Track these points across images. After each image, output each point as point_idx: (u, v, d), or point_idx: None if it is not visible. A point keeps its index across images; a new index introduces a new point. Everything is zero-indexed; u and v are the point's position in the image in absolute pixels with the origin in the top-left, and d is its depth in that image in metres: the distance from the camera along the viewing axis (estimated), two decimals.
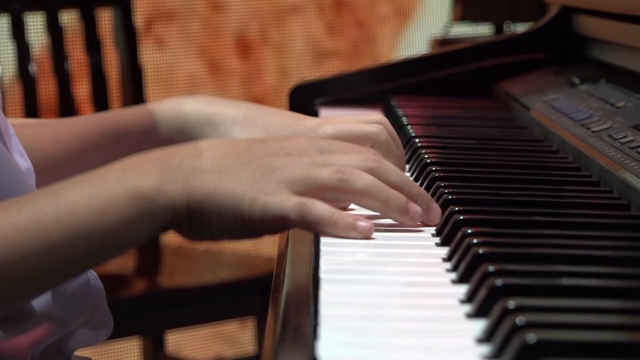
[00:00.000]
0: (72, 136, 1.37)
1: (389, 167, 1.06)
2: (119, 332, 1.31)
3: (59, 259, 1.01)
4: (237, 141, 1.08)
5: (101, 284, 1.21)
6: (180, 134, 1.32)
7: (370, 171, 1.04)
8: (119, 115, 1.40)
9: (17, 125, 1.29)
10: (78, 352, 1.28)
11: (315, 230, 1.01)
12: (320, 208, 0.99)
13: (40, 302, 1.15)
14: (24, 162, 1.20)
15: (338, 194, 1.03)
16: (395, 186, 1.05)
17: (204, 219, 0.99)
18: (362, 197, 1.04)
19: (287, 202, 0.99)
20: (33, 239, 0.99)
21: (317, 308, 0.88)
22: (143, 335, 2.60)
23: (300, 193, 1.00)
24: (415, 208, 1.05)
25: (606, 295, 0.86)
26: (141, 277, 2.35)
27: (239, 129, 1.30)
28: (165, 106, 1.36)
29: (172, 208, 0.99)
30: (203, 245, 2.25)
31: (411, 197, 1.06)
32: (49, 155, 1.33)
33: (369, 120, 1.27)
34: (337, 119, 1.31)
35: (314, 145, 1.06)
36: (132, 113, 1.38)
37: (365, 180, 1.03)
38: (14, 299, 1.07)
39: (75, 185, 1.02)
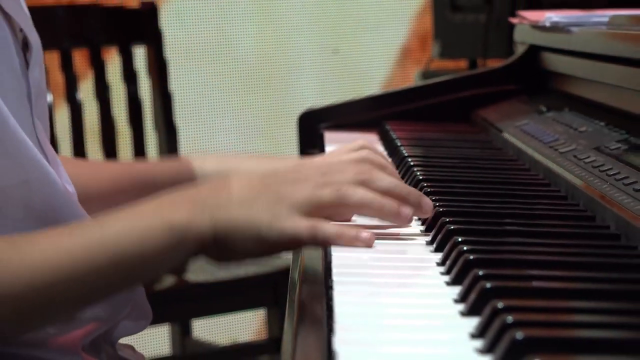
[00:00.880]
0: (107, 179, 1.37)
1: (378, 176, 1.05)
2: (152, 321, 1.30)
3: (102, 280, 1.00)
4: (251, 176, 1.08)
5: None
6: None
7: (363, 183, 1.03)
8: (150, 168, 1.39)
9: (64, 160, 1.28)
10: (121, 341, 1.27)
11: (325, 246, 1.01)
12: (327, 228, 0.99)
13: None
14: (70, 188, 1.19)
15: (340, 208, 1.03)
16: (386, 192, 1.04)
17: (229, 245, 0.99)
18: (360, 208, 1.04)
19: (299, 225, 0.99)
20: (80, 262, 0.98)
21: (331, 305, 0.87)
22: (172, 323, 2.60)
23: (309, 214, 1.00)
24: (406, 211, 1.04)
25: (581, 296, 0.85)
26: (171, 274, 2.34)
27: None
28: (191, 164, 1.36)
29: (201, 238, 0.99)
30: None
31: (402, 198, 1.05)
32: (84, 191, 1.32)
33: (354, 147, 1.26)
34: (329, 155, 1.31)
35: (315, 170, 1.06)
36: (162, 167, 1.38)
37: (359, 193, 1.02)
38: (60, 313, 1.06)
39: (118, 217, 1.02)
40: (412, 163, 1.38)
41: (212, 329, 2.75)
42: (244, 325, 2.86)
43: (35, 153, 1.09)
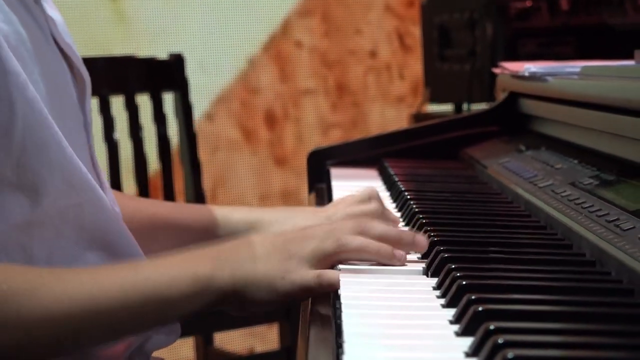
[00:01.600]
0: (143, 217, 1.35)
1: (373, 225, 1.06)
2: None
3: (131, 317, 0.99)
4: (265, 236, 1.08)
5: None
6: (232, 236, 1.28)
7: (360, 233, 1.05)
8: (184, 211, 1.38)
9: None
10: (155, 354, 1.26)
11: (331, 290, 0.99)
12: (330, 274, 1.00)
13: None
14: (117, 209, 1.18)
15: (342, 255, 1.03)
16: (380, 238, 1.05)
17: (248, 297, 1.00)
18: (359, 253, 1.04)
19: (307, 275, 1.00)
20: (113, 298, 0.97)
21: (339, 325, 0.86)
22: (197, 335, 2.58)
23: (316, 265, 1.01)
24: (400, 253, 1.05)
25: (562, 318, 0.83)
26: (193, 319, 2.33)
27: (275, 228, 1.29)
28: (220, 213, 1.34)
29: (222, 290, 0.99)
30: None
31: (395, 242, 1.06)
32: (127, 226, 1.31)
33: (362, 197, 1.26)
34: (340, 205, 1.30)
35: (320, 227, 1.07)
36: (194, 213, 1.36)
37: (357, 241, 1.04)
38: (91, 344, 1.05)
39: (151, 264, 1.03)
40: (408, 196, 1.38)
41: (231, 340, 2.73)
42: (259, 337, 2.84)
43: (89, 178, 1.08)
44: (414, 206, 1.30)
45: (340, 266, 1.02)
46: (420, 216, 1.22)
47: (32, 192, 1.02)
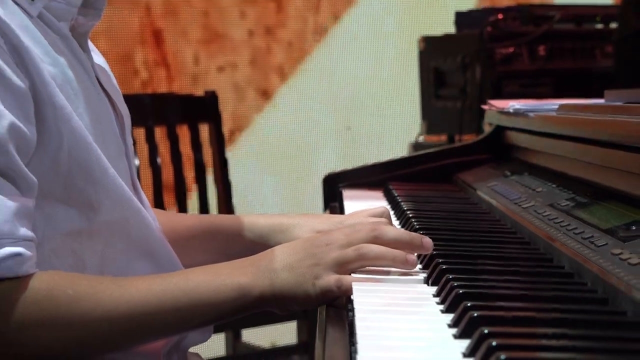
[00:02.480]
0: (183, 227, 1.33)
1: (387, 230, 1.04)
2: None
3: (181, 319, 0.99)
4: (295, 243, 1.06)
5: None
6: (259, 238, 1.28)
7: (376, 239, 1.02)
8: (217, 221, 1.35)
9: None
10: (190, 350, 1.24)
11: (346, 295, 0.98)
12: (347, 281, 0.98)
13: None
14: (156, 224, 1.16)
15: (362, 262, 1.01)
16: (394, 241, 1.02)
17: (285, 300, 0.99)
18: (377, 260, 1.02)
19: (330, 281, 0.98)
20: (165, 303, 0.97)
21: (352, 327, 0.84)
22: (227, 331, 2.56)
23: (337, 270, 0.99)
24: (412, 258, 1.02)
25: (545, 324, 0.80)
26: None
27: (296, 231, 1.25)
28: (247, 219, 1.32)
29: (262, 295, 0.98)
30: None
31: (406, 245, 1.03)
32: (168, 238, 1.29)
33: (375, 213, 1.24)
34: (355, 215, 1.27)
35: (340, 232, 1.04)
36: (226, 221, 1.34)
37: (375, 249, 1.01)
38: (142, 341, 1.04)
39: (200, 273, 1.01)
40: (410, 215, 1.35)
41: (256, 336, 2.71)
42: (280, 333, 2.81)
43: (132, 197, 1.08)
44: (415, 223, 1.28)
45: (354, 275, 0.99)
46: (421, 232, 1.19)
47: (81, 206, 1.02)
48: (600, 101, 1.48)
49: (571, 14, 2.74)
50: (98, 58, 1.16)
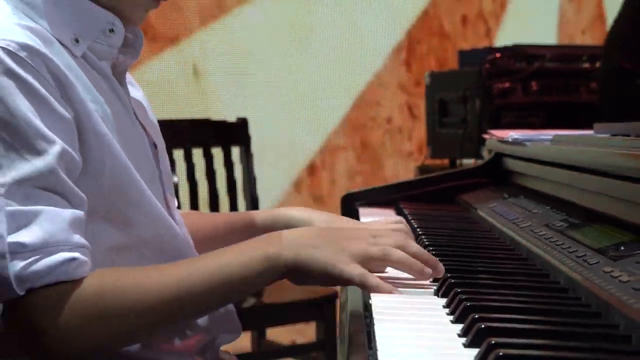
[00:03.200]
0: (220, 224, 1.33)
1: (411, 244, 1.01)
2: None
3: (216, 294, 0.97)
4: (322, 228, 1.05)
5: (233, 305, 1.17)
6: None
7: (400, 247, 0.99)
8: (248, 216, 1.33)
9: (184, 213, 1.26)
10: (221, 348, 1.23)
11: (368, 291, 0.95)
12: (372, 279, 0.95)
13: (200, 320, 1.12)
14: (188, 238, 1.15)
15: (382, 262, 0.99)
16: (414, 255, 1.00)
17: (304, 273, 0.96)
18: (397, 264, 0.99)
19: (354, 270, 0.95)
20: (204, 280, 0.95)
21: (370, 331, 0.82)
22: (253, 330, 2.55)
23: (361, 262, 0.96)
24: (428, 271, 0.99)
25: (545, 335, 0.78)
26: (252, 296, 2.30)
27: (323, 226, 1.22)
28: (281, 211, 1.30)
29: (286, 266, 0.96)
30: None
31: (424, 261, 1.00)
32: (205, 234, 1.28)
33: (394, 221, 1.22)
34: (376, 223, 1.24)
35: (368, 232, 1.02)
36: (257, 216, 1.31)
37: (398, 254, 0.99)
38: (183, 319, 1.03)
39: (230, 251, 0.99)
40: (419, 232, 1.33)
41: (278, 334, 2.70)
42: (300, 332, 2.80)
43: (165, 215, 1.07)
44: (425, 240, 1.26)
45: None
46: (430, 248, 1.17)
47: (120, 223, 1.01)
48: (590, 132, 1.46)
49: (560, 54, 2.73)
50: (137, 92, 1.15)
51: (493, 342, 0.71)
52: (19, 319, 0.88)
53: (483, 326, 0.77)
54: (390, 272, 1.03)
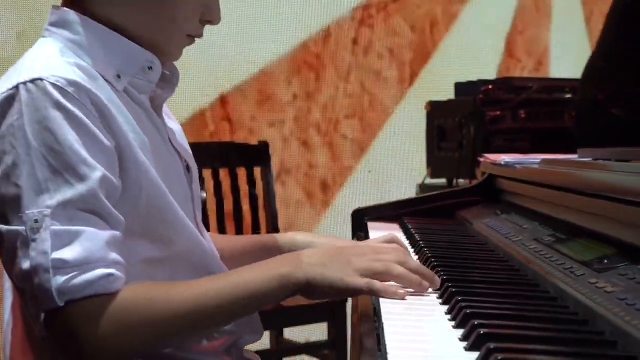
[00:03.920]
0: (240, 246, 1.32)
1: (410, 260, 1.01)
2: None
3: (238, 307, 0.96)
4: (329, 248, 1.04)
5: None
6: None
7: (401, 263, 0.99)
8: (265, 239, 1.33)
9: (212, 235, 1.25)
10: (246, 348, 1.21)
11: (374, 295, 0.95)
12: (378, 285, 0.95)
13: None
14: (216, 252, 1.14)
15: (385, 277, 0.98)
16: (413, 270, 0.99)
17: (316, 289, 0.96)
18: (398, 279, 0.98)
19: (359, 281, 0.95)
20: (225, 296, 0.94)
21: (379, 334, 0.80)
22: (272, 329, 2.52)
23: (366, 276, 0.96)
24: (426, 284, 0.99)
25: (538, 340, 0.76)
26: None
27: (325, 247, 1.21)
28: (287, 237, 1.30)
29: (298, 284, 0.95)
30: None
31: (422, 275, 1.00)
32: (228, 254, 1.27)
33: (385, 239, 1.21)
34: (369, 241, 1.25)
35: (371, 249, 1.01)
36: (272, 239, 1.31)
37: (399, 269, 0.98)
38: (208, 329, 1.03)
39: (249, 270, 0.98)
40: (422, 244, 1.31)
41: (295, 333, 2.67)
42: (313, 331, 2.77)
43: (195, 232, 1.07)
44: (427, 252, 1.24)
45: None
46: (432, 259, 1.16)
47: (155, 240, 1.01)
48: (574, 156, 1.44)
49: (545, 86, 2.71)
50: (173, 123, 1.15)
51: (492, 346, 0.70)
52: (59, 327, 0.88)
53: (482, 332, 0.75)
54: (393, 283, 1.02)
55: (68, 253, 0.87)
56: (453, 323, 0.85)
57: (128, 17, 1.01)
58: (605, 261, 0.96)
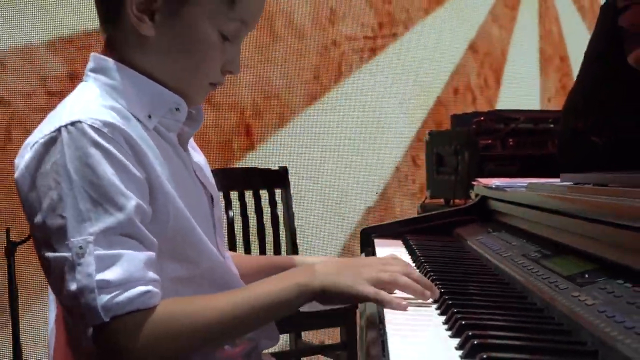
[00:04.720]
0: (254, 264, 1.29)
1: (413, 271, 0.99)
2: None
3: (259, 317, 0.94)
4: (341, 260, 1.02)
5: None
6: None
7: (405, 274, 0.97)
8: (277, 260, 1.32)
9: (232, 255, 1.24)
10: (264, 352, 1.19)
11: (381, 305, 0.93)
12: (384, 295, 0.93)
13: None
14: (235, 270, 1.13)
15: (391, 286, 0.96)
16: (417, 280, 0.97)
17: (330, 296, 0.94)
18: (403, 288, 0.97)
19: (368, 290, 0.93)
20: (244, 308, 0.92)
21: (384, 341, 0.77)
22: (290, 332, 2.49)
23: (374, 285, 0.94)
24: (427, 293, 0.97)
25: (526, 350, 0.74)
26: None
27: None
28: (298, 259, 1.28)
29: (313, 292, 0.93)
30: None
31: (424, 286, 0.98)
32: (246, 272, 1.25)
33: (391, 257, 1.17)
34: (373, 258, 1.21)
35: (378, 262, 1.00)
36: (284, 259, 1.30)
37: (404, 279, 0.96)
38: (229, 339, 1.01)
39: (270, 281, 0.97)
40: (423, 260, 1.28)
41: (312, 336, 2.64)
42: (328, 334, 2.74)
43: (217, 254, 1.05)
44: (427, 266, 1.21)
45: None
46: (432, 274, 1.13)
47: (182, 260, 0.99)
48: (557, 181, 1.42)
49: (531, 117, 2.69)
50: (198, 157, 1.14)
51: (485, 356, 0.67)
52: (104, 341, 0.87)
53: (476, 342, 0.73)
54: (398, 293, 1.00)
55: (111, 274, 0.86)
56: (450, 333, 0.82)
57: (158, 66, 1.00)
58: (587, 276, 0.93)
